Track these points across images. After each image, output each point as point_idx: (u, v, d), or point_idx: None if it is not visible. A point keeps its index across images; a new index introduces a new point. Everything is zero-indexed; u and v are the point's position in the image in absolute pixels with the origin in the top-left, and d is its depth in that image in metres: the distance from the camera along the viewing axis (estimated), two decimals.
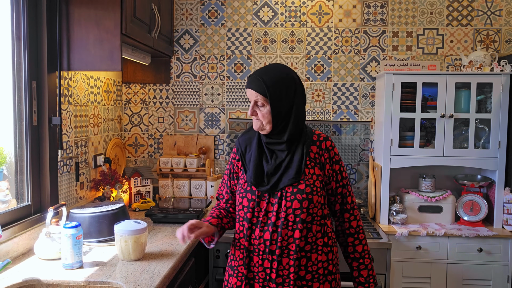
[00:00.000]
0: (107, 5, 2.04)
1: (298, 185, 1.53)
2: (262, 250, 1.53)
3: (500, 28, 2.88)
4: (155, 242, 1.98)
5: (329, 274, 1.58)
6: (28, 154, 1.98)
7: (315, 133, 1.63)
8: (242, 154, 1.65)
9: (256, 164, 1.58)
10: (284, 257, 1.52)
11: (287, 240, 1.52)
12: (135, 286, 1.49)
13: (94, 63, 2.07)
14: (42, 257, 1.74)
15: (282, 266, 1.52)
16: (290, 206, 1.51)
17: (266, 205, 1.54)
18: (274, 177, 1.54)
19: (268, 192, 1.54)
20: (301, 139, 1.58)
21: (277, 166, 1.56)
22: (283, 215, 1.51)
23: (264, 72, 1.55)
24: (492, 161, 2.55)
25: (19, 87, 1.95)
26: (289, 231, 1.52)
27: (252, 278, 1.57)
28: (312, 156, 1.58)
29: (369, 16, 2.93)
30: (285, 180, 1.53)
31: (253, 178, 1.56)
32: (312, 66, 2.97)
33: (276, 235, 1.52)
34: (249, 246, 1.57)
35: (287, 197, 1.52)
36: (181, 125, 3.07)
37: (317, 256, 1.55)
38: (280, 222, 1.52)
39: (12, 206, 1.89)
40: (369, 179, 2.84)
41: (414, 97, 2.59)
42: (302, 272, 1.53)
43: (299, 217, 1.51)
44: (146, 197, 2.76)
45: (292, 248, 1.52)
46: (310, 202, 1.52)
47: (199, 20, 3.02)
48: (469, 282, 2.50)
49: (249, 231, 1.56)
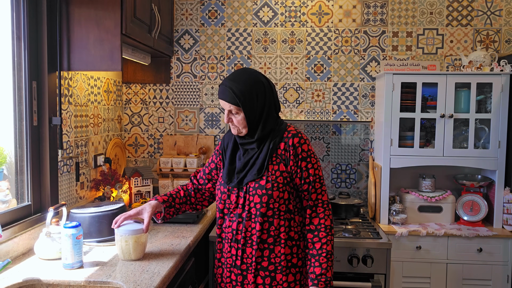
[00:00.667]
0: (107, 5, 2.04)
1: (260, 181, 1.64)
2: (230, 238, 1.69)
3: (500, 28, 2.88)
4: (155, 242, 1.98)
5: (292, 267, 1.66)
6: (28, 154, 1.98)
7: (288, 129, 1.70)
8: (224, 150, 1.80)
9: (229, 162, 1.73)
10: (248, 247, 1.66)
11: (250, 231, 1.65)
12: (135, 286, 1.49)
13: (94, 63, 2.08)
14: (42, 257, 1.74)
15: (246, 254, 1.66)
16: (252, 200, 1.64)
17: (236, 198, 1.68)
18: (241, 174, 1.68)
19: (236, 186, 1.68)
20: (270, 137, 1.67)
21: (246, 163, 1.69)
22: (247, 208, 1.65)
23: (234, 81, 1.61)
24: (492, 161, 2.55)
25: (19, 87, 1.95)
26: (252, 223, 1.65)
27: (223, 263, 1.74)
28: (279, 153, 1.67)
29: (369, 16, 2.93)
30: (249, 177, 1.66)
31: (226, 172, 1.72)
32: (312, 66, 2.98)
33: (241, 226, 1.66)
34: (220, 233, 1.75)
35: (250, 191, 1.65)
36: (181, 125, 3.08)
37: (280, 249, 1.64)
38: (245, 214, 1.65)
39: (12, 206, 1.89)
40: (369, 179, 2.84)
41: (414, 97, 2.59)
42: (264, 262, 1.65)
43: (259, 211, 1.63)
44: (146, 197, 2.76)
45: (254, 239, 1.64)
46: (270, 197, 1.62)
47: (199, 20, 3.02)
48: (469, 282, 2.50)
49: (221, 220, 1.74)
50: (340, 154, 2.99)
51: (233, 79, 1.62)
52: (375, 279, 2.30)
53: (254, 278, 1.65)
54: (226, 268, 1.72)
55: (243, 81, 1.61)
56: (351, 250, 2.31)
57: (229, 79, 1.63)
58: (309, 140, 1.82)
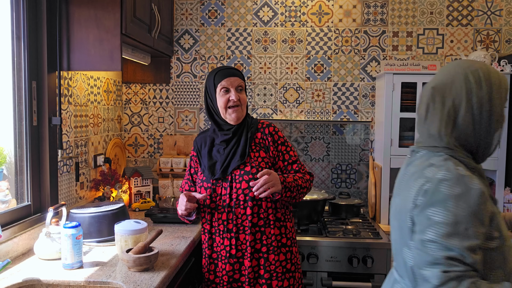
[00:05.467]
0: (107, 5, 2.04)
1: (244, 167, 1.75)
2: (222, 230, 1.77)
3: (500, 28, 2.88)
4: (155, 242, 1.98)
5: (282, 246, 1.79)
6: (28, 154, 1.98)
7: (260, 121, 1.89)
8: (198, 151, 1.88)
9: (208, 159, 1.81)
10: (241, 233, 1.75)
11: (241, 217, 1.75)
12: (135, 286, 1.49)
13: (94, 63, 2.08)
14: (42, 257, 1.74)
15: (240, 241, 1.75)
16: (239, 187, 1.74)
17: (221, 190, 1.76)
18: (224, 163, 1.76)
19: (221, 178, 1.76)
20: (245, 128, 1.82)
21: (227, 154, 1.78)
22: (235, 196, 1.74)
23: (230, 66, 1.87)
24: (492, 161, 2.55)
25: (19, 87, 1.95)
26: (241, 210, 1.74)
27: (216, 258, 1.80)
28: (257, 142, 1.83)
29: (369, 16, 2.93)
30: (233, 164, 1.75)
31: (207, 168, 1.79)
32: (312, 66, 2.97)
33: (231, 215, 1.75)
34: (211, 228, 1.81)
35: (236, 179, 1.75)
36: (181, 125, 3.07)
37: (270, 230, 1.77)
38: (233, 203, 1.75)
39: (12, 206, 1.89)
40: (369, 179, 2.84)
41: (414, 97, 2.59)
42: (258, 245, 1.76)
43: (248, 196, 1.73)
44: (146, 197, 2.76)
45: (246, 224, 1.74)
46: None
47: (199, 20, 3.02)
48: None
49: (210, 215, 1.81)
50: (340, 154, 2.99)
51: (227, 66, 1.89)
52: (375, 279, 2.30)
53: (250, 262, 1.74)
54: (221, 261, 1.78)
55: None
56: (351, 250, 2.31)
57: (225, 66, 1.86)
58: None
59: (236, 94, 1.75)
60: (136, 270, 1.60)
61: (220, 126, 1.82)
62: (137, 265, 1.59)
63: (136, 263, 1.59)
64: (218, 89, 1.77)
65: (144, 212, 2.54)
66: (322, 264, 2.33)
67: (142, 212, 2.56)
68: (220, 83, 1.76)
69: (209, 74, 1.84)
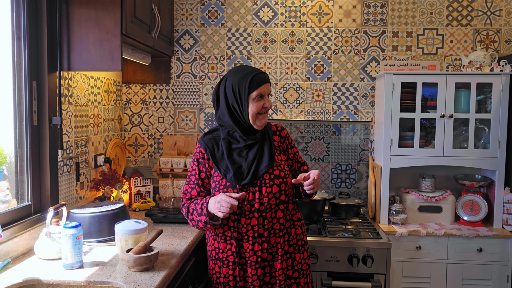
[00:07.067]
0: (107, 5, 2.04)
1: (273, 172, 1.74)
2: (252, 235, 1.72)
3: (500, 28, 2.88)
4: (155, 242, 1.98)
5: (305, 244, 1.85)
6: (28, 154, 1.98)
7: (272, 124, 1.88)
8: (212, 153, 1.77)
9: (231, 162, 1.73)
10: (271, 237, 1.73)
11: (272, 221, 1.72)
12: (135, 286, 1.49)
13: (94, 63, 2.08)
14: (42, 257, 1.74)
15: (271, 245, 1.73)
16: (270, 191, 1.71)
17: (248, 195, 1.71)
18: (251, 169, 1.71)
19: (248, 183, 1.71)
20: (265, 131, 1.81)
21: (253, 158, 1.73)
22: (266, 200, 1.71)
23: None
24: (492, 161, 2.55)
25: (19, 87, 1.95)
26: (272, 213, 1.72)
27: (244, 264, 1.75)
28: (276, 145, 1.83)
29: (369, 16, 2.93)
30: (262, 168, 1.72)
31: (233, 174, 1.71)
32: (312, 66, 2.98)
33: (262, 219, 1.71)
34: (238, 235, 1.73)
35: (266, 184, 1.72)
36: (181, 125, 3.08)
37: (295, 230, 1.80)
38: (264, 207, 1.71)
39: (12, 206, 1.89)
40: (369, 179, 2.84)
41: (414, 97, 2.60)
42: (286, 246, 1.76)
43: (279, 199, 1.73)
44: (146, 197, 2.76)
45: (277, 227, 1.73)
46: (286, 185, 1.75)
47: (199, 20, 3.02)
48: (469, 282, 2.51)
49: (236, 222, 1.73)
50: (340, 154, 2.99)
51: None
52: (375, 279, 2.30)
53: (281, 264, 1.74)
54: (250, 267, 1.72)
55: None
56: (351, 250, 2.31)
57: (253, 68, 1.76)
58: None
59: (269, 102, 1.73)
60: (136, 270, 1.61)
61: (246, 130, 1.75)
62: (137, 265, 1.59)
63: (136, 263, 1.59)
64: (254, 94, 1.69)
65: (144, 212, 2.55)
66: (322, 264, 2.33)
67: (142, 212, 2.56)
68: (257, 90, 1.69)
69: (238, 78, 1.70)
